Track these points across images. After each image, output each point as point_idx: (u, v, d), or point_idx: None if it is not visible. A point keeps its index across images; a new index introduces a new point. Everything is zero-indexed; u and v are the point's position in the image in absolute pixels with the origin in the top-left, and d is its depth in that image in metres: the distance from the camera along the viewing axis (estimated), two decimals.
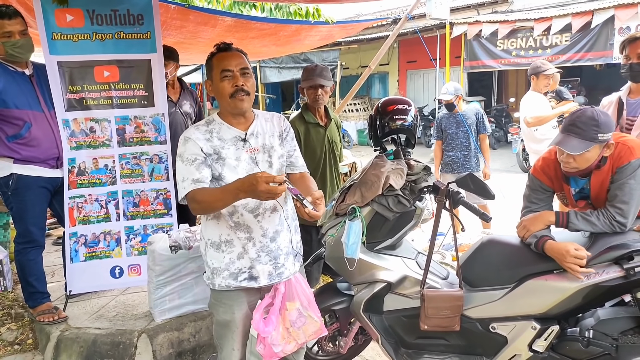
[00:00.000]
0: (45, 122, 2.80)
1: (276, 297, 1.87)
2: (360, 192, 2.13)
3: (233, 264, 1.83)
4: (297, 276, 1.95)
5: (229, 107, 1.79)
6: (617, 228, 1.97)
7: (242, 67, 1.77)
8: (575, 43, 9.72)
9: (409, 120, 2.28)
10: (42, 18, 2.76)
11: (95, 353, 2.64)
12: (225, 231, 1.82)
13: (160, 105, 3.05)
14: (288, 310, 1.87)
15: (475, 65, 11.40)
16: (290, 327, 1.87)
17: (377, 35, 13.04)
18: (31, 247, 2.87)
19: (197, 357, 2.77)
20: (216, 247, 1.83)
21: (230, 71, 1.75)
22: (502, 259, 2.17)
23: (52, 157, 2.85)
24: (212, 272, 1.85)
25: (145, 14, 2.93)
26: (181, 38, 4.44)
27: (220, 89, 1.77)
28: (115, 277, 3.10)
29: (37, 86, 2.78)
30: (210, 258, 1.86)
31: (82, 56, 2.87)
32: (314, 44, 5.75)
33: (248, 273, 1.84)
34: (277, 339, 1.84)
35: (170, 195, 3.12)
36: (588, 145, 1.93)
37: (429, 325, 2.07)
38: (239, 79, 1.76)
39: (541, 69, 4.23)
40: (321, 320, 1.95)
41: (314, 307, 1.94)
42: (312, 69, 2.94)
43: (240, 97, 1.75)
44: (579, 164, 1.99)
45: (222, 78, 1.76)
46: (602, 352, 1.96)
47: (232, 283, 1.83)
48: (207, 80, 1.84)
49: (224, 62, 1.76)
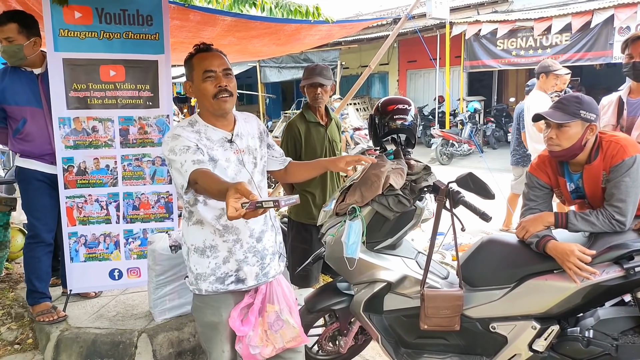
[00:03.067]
0: (42, 119, 2.84)
1: (256, 298, 1.85)
2: (360, 191, 2.13)
3: (219, 269, 1.80)
4: (280, 278, 1.94)
5: (212, 108, 1.75)
6: (617, 227, 1.97)
7: (225, 67, 1.75)
8: (575, 43, 9.73)
9: (409, 120, 2.29)
10: (49, 14, 2.75)
11: (95, 353, 2.64)
12: (210, 236, 1.79)
13: (166, 106, 3.04)
14: (267, 312, 1.85)
15: (475, 65, 11.41)
16: (268, 329, 1.84)
17: (377, 34, 13.05)
18: (36, 244, 2.91)
19: (196, 357, 2.77)
20: (200, 253, 1.80)
21: (213, 72, 1.72)
22: (502, 258, 2.17)
23: (46, 153, 2.89)
24: (197, 277, 1.81)
25: (154, 15, 2.92)
26: (181, 38, 4.43)
27: (202, 89, 1.73)
28: (115, 279, 3.08)
29: (43, 84, 2.83)
30: (194, 263, 1.81)
31: (88, 54, 2.84)
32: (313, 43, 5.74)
33: (235, 276, 1.81)
34: (255, 340, 1.81)
35: (172, 198, 3.10)
36: (570, 119, 2.01)
37: (429, 325, 2.07)
38: (222, 80, 1.73)
39: (552, 67, 4.22)
40: (300, 327, 1.91)
41: (294, 313, 1.91)
42: (313, 68, 2.95)
43: (223, 98, 1.73)
44: (560, 141, 2.04)
45: (204, 79, 1.72)
46: (602, 352, 1.96)
47: (220, 287, 1.80)
48: (187, 82, 1.79)
49: (205, 63, 1.73)
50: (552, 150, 2.10)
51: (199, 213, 1.77)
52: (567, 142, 2.03)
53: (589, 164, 2.07)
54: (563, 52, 9.88)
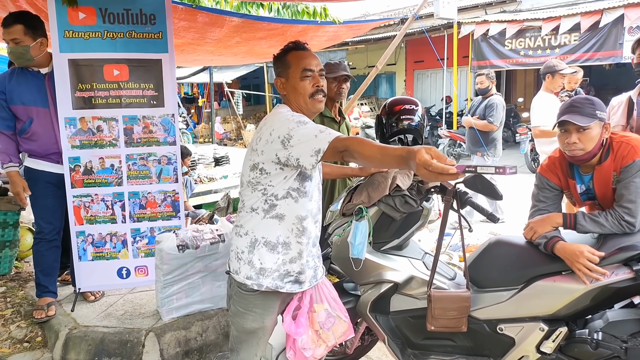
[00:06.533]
0: (48, 118, 2.88)
1: (304, 300, 1.85)
2: (367, 192, 2.12)
3: (284, 266, 1.76)
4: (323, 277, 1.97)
5: (306, 106, 1.75)
6: (626, 228, 1.95)
7: (321, 68, 1.77)
8: (584, 42, 9.64)
9: (416, 120, 2.28)
10: (54, 16, 2.78)
11: (103, 351, 2.66)
12: (285, 233, 1.75)
13: (171, 105, 3.05)
14: (316, 312, 1.84)
15: (483, 65, 11.31)
16: (319, 329, 1.84)
17: (384, 35, 13.02)
18: (40, 240, 2.99)
19: (204, 356, 2.78)
20: (271, 248, 1.75)
21: (312, 71, 1.73)
22: (510, 259, 2.16)
23: (52, 153, 2.93)
24: (260, 272, 1.74)
25: (157, 14, 2.93)
26: (189, 39, 4.46)
27: (300, 87, 1.73)
28: (123, 277, 3.11)
29: (49, 84, 2.86)
30: (259, 257, 1.75)
31: (92, 54, 2.87)
32: (321, 44, 5.74)
33: (295, 277, 1.79)
34: (307, 343, 1.81)
35: (179, 197, 3.11)
36: (591, 120, 1.99)
37: (435, 326, 2.06)
38: (319, 80, 1.75)
39: (558, 67, 4.19)
40: (349, 320, 1.93)
41: (341, 307, 1.93)
42: (337, 64, 3.02)
43: (319, 98, 1.75)
44: (584, 144, 2.01)
45: (303, 77, 1.72)
46: (611, 355, 1.94)
47: (279, 284, 1.76)
48: (280, 78, 1.78)
49: (305, 61, 1.73)
50: (574, 155, 2.06)
51: (284, 208, 1.73)
52: (590, 144, 2.01)
53: (600, 164, 2.05)
54: (572, 52, 9.80)
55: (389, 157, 1.43)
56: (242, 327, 1.82)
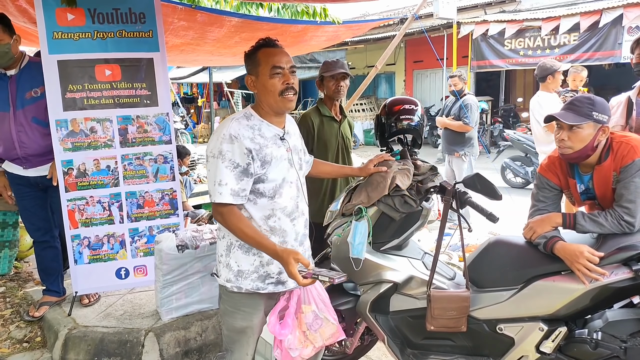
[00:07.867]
0: (6, 123, 2.78)
1: (291, 300, 1.85)
2: (366, 192, 2.12)
3: (262, 268, 1.77)
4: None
5: (276, 104, 1.72)
6: (626, 228, 1.95)
7: (291, 65, 1.74)
8: (583, 42, 9.66)
9: (416, 120, 2.28)
10: (42, 17, 2.74)
11: (102, 351, 2.66)
12: None
13: (165, 104, 3.03)
14: (304, 313, 1.84)
15: (482, 65, 11.35)
16: (307, 330, 1.84)
17: (384, 35, 13.03)
18: (33, 240, 3.07)
19: (203, 356, 2.78)
20: (245, 250, 1.76)
21: (282, 68, 1.70)
22: (510, 259, 2.16)
23: (13, 157, 2.85)
24: (238, 274, 1.76)
25: (147, 13, 2.91)
26: (188, 39, 4.45)
27: (269, 85, 1.70)
28: (121, 278, 3.09)
29: (13, 86, 2.77)
30: (236, 260, 1.77)
31: (82, 55, 2.84)
32: (320, 44, 5.74)
33: (276, 278, 1.79)
34: (294, 343, 1.80)
35: (177, 195, 3.11)
36: (582, 120, 1.98)
37: (435, 326, 2.06)
38: (289, 77, 1.71)
39: (555, 67, 4.20)
40: (338, 322, 1.92)
41: (330, 310, 1.92)
42: (334, 62, 3.01)
43: (289, 96, 1.71)
44: (572, 142, 2.01)
45: (272, 74, 1.69)
46: (611, 355, 1.93)
47: (260, 286, 1.77)
48: (250, 76, 1.76)
49: (274, 58, 1.70)
50: (563, 153, 2.07)
51: (249, 210, 1.74)
52: (579, 144, 2.00)
53: (600, 164, 2.05)
54: (571, 52, 9.82)
55: (261, 243, 1.66)
56: (232, 326, 1.85)
